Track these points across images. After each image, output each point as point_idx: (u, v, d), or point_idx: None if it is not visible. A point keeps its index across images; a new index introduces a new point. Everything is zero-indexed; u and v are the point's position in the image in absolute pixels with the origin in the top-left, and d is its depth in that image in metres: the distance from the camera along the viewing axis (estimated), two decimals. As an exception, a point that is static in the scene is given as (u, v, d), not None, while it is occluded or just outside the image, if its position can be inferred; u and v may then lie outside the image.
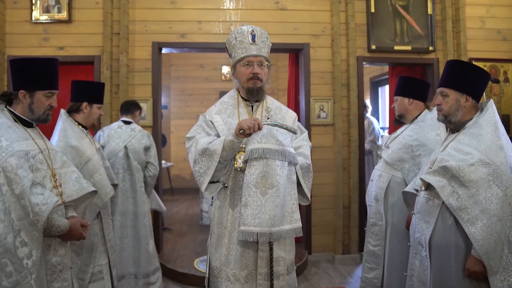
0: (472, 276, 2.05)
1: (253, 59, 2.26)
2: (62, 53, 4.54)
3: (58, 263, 2.10)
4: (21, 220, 1.89)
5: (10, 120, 2.09)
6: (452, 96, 2.24)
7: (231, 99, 2.41)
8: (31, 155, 2.05)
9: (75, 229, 2.14)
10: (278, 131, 2.17)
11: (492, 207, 1.99)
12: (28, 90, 2.11)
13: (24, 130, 2.13)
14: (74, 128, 2.96)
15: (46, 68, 2.15)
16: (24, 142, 2.06)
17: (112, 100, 4.55)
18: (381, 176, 3.04)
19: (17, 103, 2.14)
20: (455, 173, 2.08)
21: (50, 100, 2.18)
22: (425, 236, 2.22)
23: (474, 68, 2.26)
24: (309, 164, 2.31)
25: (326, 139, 4.84)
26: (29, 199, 1.90)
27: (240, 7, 4.77)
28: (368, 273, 3.12)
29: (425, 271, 2.25)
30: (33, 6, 4.49)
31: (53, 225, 2.02)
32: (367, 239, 3.16)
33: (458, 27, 4.88)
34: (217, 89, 9.60)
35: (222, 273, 2.22)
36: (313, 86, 4.82)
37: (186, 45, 4.73)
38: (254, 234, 2.04)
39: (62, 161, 2.26)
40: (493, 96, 4.99)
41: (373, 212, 3.10)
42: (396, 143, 3.01)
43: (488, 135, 2.11)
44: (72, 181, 2.25)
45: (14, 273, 1.84)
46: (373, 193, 3.09)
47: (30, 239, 1.90)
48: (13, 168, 1.90)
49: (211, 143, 2.16)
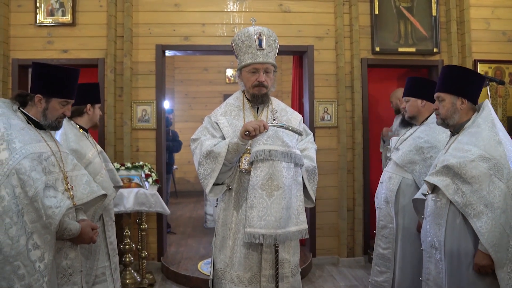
0: (481, 270, 2.07)
1: (259, 66, 2.25)
2: (66, 56, 4.55)
3: (69, 267, 2.10)
4: (34, 223, 1.88)
5: (23, 122, 2.09)
6: (448, 100, 2.30)
7: (236, 100, 2.40)
8: (44, 157, 2.04)
9: (86, 233, 2.14)
10: (283, 133, 2.16)
11: (495, 200, 2.03)
12: (45, 96, 2.12)
13: (37, 132, 2.13)
14: (75, 131, 2.96)
15: (67, 77, 2.17)
16: (37, 144, 2.05)
17: (116, 103, 4.55)
18: (391, 178, 3.01)
19: (31, 106, 2.14)
20: (457, 170, 2.13)
21: (64, 109, 2.19)
22: (439, 238, 2.23)
23: (467, 71, 2.35)
24: (314, 166, 2.31)
25: (330, 142, 4.83)
26: (42, 202, 1.89)
27: (244, 9, 4.77)
28: (378, 277, 3.07)
29: (440, 274, 2.25)
30: (38, 10, 4.51)
31: (65, 228, 2.02)
32: (377, 241, 3.11)
33: (462, 28, 4.86)
34: (221, 91, 9.61)
35: (226, 275, 2.21)
36: (317, 89, 4.81)
37: (190, 47, 4.73)
38: (260, 236, 2.04)
39: (73, 164, 2.27)
40: (498, 97, 4.96)
41: (383, 215, 3.06)
42: (407, 145, 2.98)
43: (486, 132, 2.17)
44: (83, 184, 2.25)
45: (26, 276, 1.83)
46: (383, 195, 3.05)
47: (42, 242, 1.90)
48: (26, 171, 1.89)
49: (215, 145, 2.16)
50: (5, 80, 4.43)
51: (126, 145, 4.50)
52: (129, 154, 4.49)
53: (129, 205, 3.88)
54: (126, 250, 4.06)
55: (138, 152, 4.61)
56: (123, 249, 4.02)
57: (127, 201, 3.88)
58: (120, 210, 3.83)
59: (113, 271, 2.99)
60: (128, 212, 3.95)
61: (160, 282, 4.29)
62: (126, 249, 4.05)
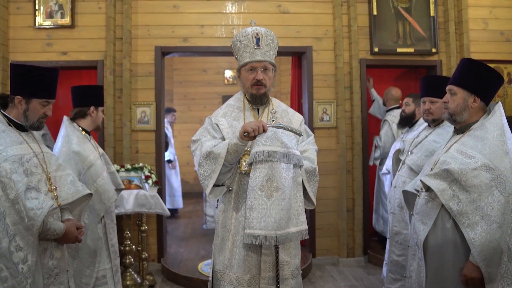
0: (470, 282, 1.99)
1: (257, 64, 2.25)
2: (65, 58, 4.55)
3: (55, 267, 2.10)
4: (16, 225, 1.89)
5: (4, 125, 2.09)
6: (460, 95, 2.18)
7: (237, 101, 2.40)
8: (26, 159, 2.05)
9: (71, 232, 2.14)
10: (283, 134, 2.15)
11: (493, 213, 1.93)
12: (25, 97, 2.12)
13: (18, 134, 2.13)
14: (77, 134, 2.97)
15: (46, 77, 2.16)
16: (18, 146, 2.05)
17: (115, 105, 4.56)
18: (405, 182, 2.90)
19: (12, 107, 2.14)
20: (457, 176, 2.03)
21: (45, 109, 2.18)
22: (420, 237, 2.17)
23: (488, 70, 2.17)
24: (314, 168, 2.28)
25: (329, 142, 4.83)
26: (24, 204, 1.90)
27: (243, 10, 4.78)
28: (392, 284, 3.01)
29: (420, 274, 2.20)
30: (37, 12, 4.52)
31: (49, 229, 2.02)
32: (391, 248, 3.04)
33: (461, 28, 4.87)
34: (220, 93, 9.61)
35: (225, 277, 2.20)
36: (316, 89, 4.82)
37: (189, 49, 4.73)
38: (260, 237, 2.01)
39: (57, 164, 2.26)
40: (496, 97, 4.96)
41: (396, 220, 2.98)
42: (422, 149, 2.89)
43: (494, 139, 2.05)
44: (68, 184, 2.26)
45: (9, 278, 1.84)
46: (397, 200, 2.97)
47: (25, 244, 1.90)
48: (7, 173, 1.90)
49: (215, 146, 2.16)
50: (4, 83, 4.43)
51: (126, 147, 4.51)
52: (128, 155, 4.50)
53: (129, 206, 3.88)
54: (126, 252, 4.06)
55: (137, 153, 4.61)
56: (124, 251, 4.02)
57: (127, 203, 3.88)
58: (120, 211, 3.84)
59: (114, 274, 3.00)
60: (128, 213, 3.96)
61: (161, 283, 4.29)
62: (126, 250, 4.05)
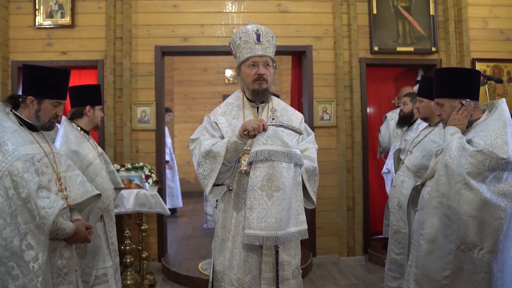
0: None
1: (258, 59, 2.24)
2: (65, 57, 4.56)
3: (64, 266, 2.11)
4: (27, 224, 1.90)
5: (15, 124, 2.11)
6: (447, 104, 2.28)
7: (236, 100, 2.38)
8: (37, 158, 2.06)
9: (80, 232, 2.16)
10: (283, 132, 2.12)
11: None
12: (37, 97, 2.14)
13: (30, 134, 2.14)
14: (76, 133, 2.97)
15: (58, 78, 2.19)
16: (30, 146, 2.07)
17: (115, 104, 4.56)
18: (404, 182, 2.95)
19: (23, 108, 2.16)
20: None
21: (56, 109, 2.21)
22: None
23: (460, 71, 2.30)
24: (315, 167, 2.27)
25: (329, 141, 4.83)
26: (35, 203, 1.91)
27: (243, 10, 4.78)
28: (391, 282, 3.02)
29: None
30: (37, 12, 4.52)
31: (59, 228, 2.03)
32: (390, 247, 3.07)
33: (460, 27, 4.87)
34: (221, 92, 9.61)
35: (226, 278, 2.19)
36: (316, 88, 4.82)
37: (189, 48, 4.74)
38: (260, 237, 2.00)
39: (67, 164, 2.28)
40: (496, 96, 4.97)
41: (395, 219, 3.01)
42: (420, 149, 2.92)
43: (495, 128, 2.09)
44: (77, 184, 2.27)
45: (20, 276, 1.85)
46: (396, 200, 3.00)
47: (36, 243, 1.91)
48: (19, 172, 1.91)
49: (214, 145, 2.14)
50: (4, 83, 4.43)
51: (126, 146, 4.51)
52: (129, 155, 4.50)
53: (129, 206, 3.89)
54: (127, 251, 4.06)
55: (138, 153, 4.62)
56: (124, 250, 4.02)
57: (127, 202, 3.89)
58: (120, 211, 3.84)
59: (115, 272, 3.01)
60: (128, 213, 3.96)
61: (161, 283, 4.29)
62: (126, 250, 4.06)
